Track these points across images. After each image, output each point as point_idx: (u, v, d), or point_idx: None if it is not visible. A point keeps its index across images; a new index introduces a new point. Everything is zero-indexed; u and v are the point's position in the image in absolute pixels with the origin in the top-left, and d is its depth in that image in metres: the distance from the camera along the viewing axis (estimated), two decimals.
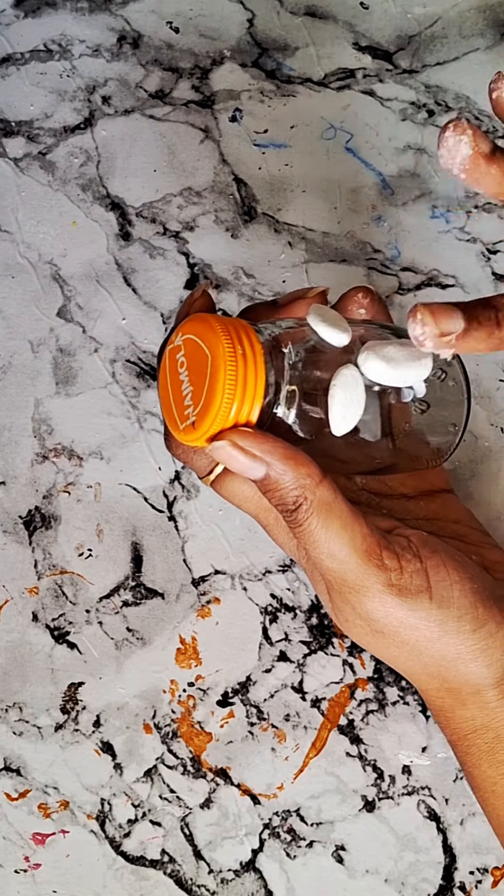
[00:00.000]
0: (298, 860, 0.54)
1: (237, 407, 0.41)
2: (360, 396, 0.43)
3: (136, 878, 0.55)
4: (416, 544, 0.43)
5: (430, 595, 0.42)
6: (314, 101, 0.65)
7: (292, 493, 0.41)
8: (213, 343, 0.41)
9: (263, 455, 0.41)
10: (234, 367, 0.40)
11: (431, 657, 0.44)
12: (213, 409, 0.41)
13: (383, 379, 0.43)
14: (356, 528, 0.42)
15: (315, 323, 0.43)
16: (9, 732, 0.56)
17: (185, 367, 0.42)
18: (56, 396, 0.60)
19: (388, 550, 0.43)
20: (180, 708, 0.56)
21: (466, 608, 0.43)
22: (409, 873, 0.54)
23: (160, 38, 0.66)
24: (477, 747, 0.45)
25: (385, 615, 0.43)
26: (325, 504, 0.41)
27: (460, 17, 0.66)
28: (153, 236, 0.62)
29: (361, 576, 0.42)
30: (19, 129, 0.64)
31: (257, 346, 0.41)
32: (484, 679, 0.44)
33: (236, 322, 0.42)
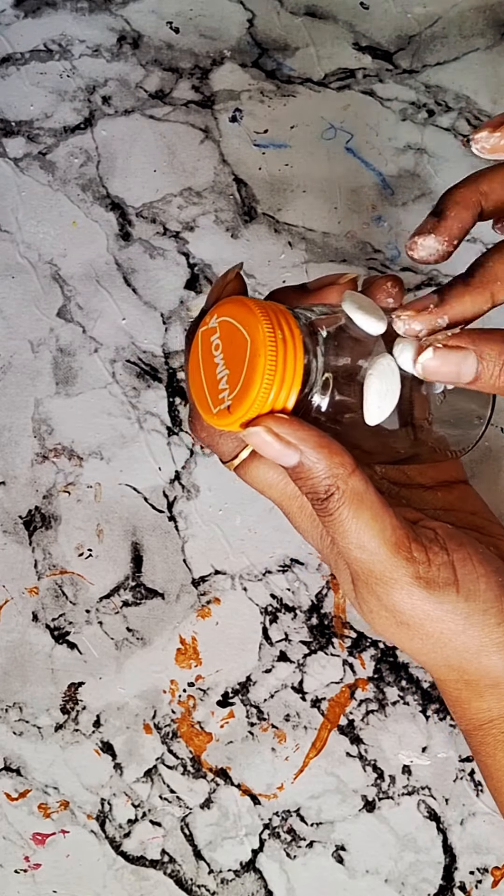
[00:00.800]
0: (298, 860, 0.54)
1: (275, 392, 0.40)
2: (396, 387, 0.42)
3: (137, 878, 0.55)
4: (442, 537, 0.44)
5: (458, 588, 0.43)
6: (314, 102, 0.65)
7: (325, 481, 0.41)
8: (253, 326, 0.40)
9: (298, 442, 0.40)
10: (273, 352, 0.40)
11: (455, 649, 0.44)
12: (252, 394, 0.40)
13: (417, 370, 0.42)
14: (386, 519, 0.42)
15: (351, 310, 0.42)
16: (9, 732, 0.56)
17: (221, 349, 0.41)
18: (56, 396, 0.60)
19: (416, 543, 0.43)
20: (180, 708, 0.56)
21: (492, 601, 0.43)
22: (410, 873, 0.54)
23: (160, 38, 0.66)
24: (493, 737, 0.45)
25: (412, 607, 0.43)
26: (356, 494, 0.41)
27: (460, 16, 0.66)
28: (153, 236, 0.62)
29: (390, 567, 0.42)
30: (19, 129, 0.64)
31: (296, 331, 0.40)
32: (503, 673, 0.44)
33: (274, 306, 0.41)
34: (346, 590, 0.45)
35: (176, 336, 0.61)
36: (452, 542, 0.44)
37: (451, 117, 0.64)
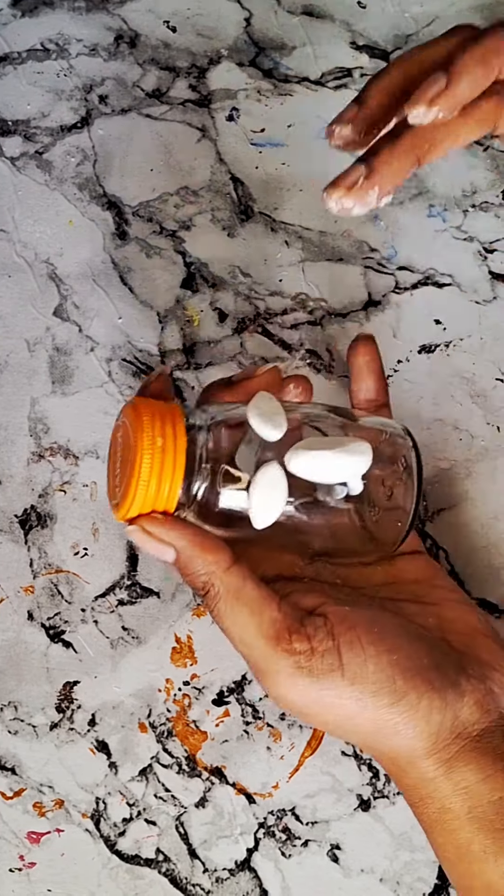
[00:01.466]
0: (293, 859, 0.54)
1: (154, 493, 0.42)
2: (280, 495, 0.43)
3: (131, 877, 0.54)
4: (331, 622, 0.43)
5: (342, 672, 0.42)
6: (311, 100, 0.65)
7: (200, 578, 0.43)
8: (137, 432, 0.42)
9: (171, 541, 0.43)
10: (150, 460, 0.42)
11: (356, 732, 0.44)
12: (129, 496, 0.42)
13: (311, 477, 0.43)
14: (265, 613, 0.43)
15: (252, 415, 0.43)
16: (4, 731, 0.56)
17: (121, 447, 0.44)
18: (52, 395, 0.60)
19: (298, 634, 0.43)
20: (175, 707, 0.56)
21: (382, 682, 0.42)
22: (405, 872, 0.54)
23: (157, 37, 0.66)
24: (427, 815, 0.45)
25: (300, 697, 0.43)
26: (232, 591, 0.43)
27: (458, 16, 0.66)
28: (150, 235, 0.62)
29: (270, 661, 0.42)
30: (16, 128, 0.64)
31: (181, 438, 0.42)
32: (413, 750, 0.43)
33: (166, 410, 0.43)
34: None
35: (172, 335, 0.61)
36: (342, 626, 0.43)
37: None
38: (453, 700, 0.43)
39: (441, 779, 0.43)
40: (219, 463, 0.43)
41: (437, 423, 0.59)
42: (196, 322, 0.61)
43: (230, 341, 0.60)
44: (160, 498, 0.42)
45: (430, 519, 0.58)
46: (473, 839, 0.43)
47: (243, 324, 0.61)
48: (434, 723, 0.42)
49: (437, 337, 0.60)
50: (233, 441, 0.44)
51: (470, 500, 0.58)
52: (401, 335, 0.60)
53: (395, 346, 0.60)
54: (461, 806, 0.43)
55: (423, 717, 0.42)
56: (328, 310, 0.61)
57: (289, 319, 0.61)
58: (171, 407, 0.44)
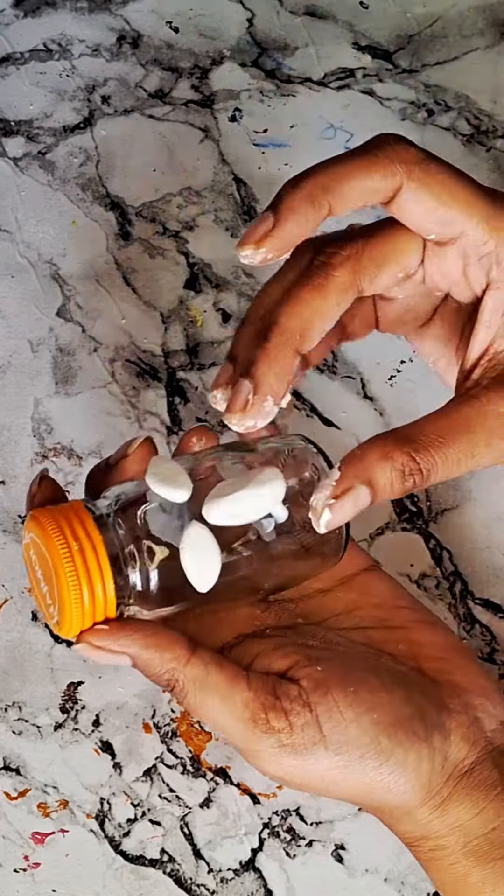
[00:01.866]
0: (298, 859, 0.54)
1: (89, 600, 0.40)
2: (213, 552, 0.41)
3: (136, 878, 0.55)
4: (306, 690, 0.42)
5: (325, 744, 0.41)
6: (314, 101, 0.65)
7: (163, 677, 0.41)
8: (48, 544, 0.40)
9: (123, 649, 0.41)
10: (71, 566, 0.39)
11: (347, 794, 0.43)
12: (67, 610, 0.40)
13: (233, 522, 0.42)
14: (236, 696, 0.41)
15: (152, 483, 0.41)
16: (8, 731, 0.56)
17: (37, 564, 0.42)
18: (55, 396, 0.60)
19: (273, 711, 0.41)
20: (180, 707, 0.56)
21: (367, 746, 0.41)
22: (409, 872, 0.54)
23: (160, 37, 0.66)
24: (422, 853, 0.44)
25: (286, 772, 0.42)
26: (196, 681, 0.41)
27: (460, 16, 0.66)
28: (153, 236, 0.62)
29: (251, 742, 0.41)
30: (19, 129, 0.64)
31: (93, 531, 0.40)
32: (406, 803, 0.42)
33: (68, 510, 0.41)
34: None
35: (175, 336, 0.61)
36: (317, 693, 0.42)
37: (451, 117, 0.64)
38: (440, 743, 0.42)
39: (436, 822, 0.43)
40: (140, 543, 0.41)
41: None
42: (199, 322, 0.61)
43: None
44: (98, 602, 0.40)
45: (433, 519, 0.58)
46: (470, 872, 0.43)
47: None
48: (424, 773, 0.42)
49: None
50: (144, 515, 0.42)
51: (473, 501, 0.58)
52: None
53: (397, 347, 0.60)
54: (456, 842, 0.43)
55: (412, 771, 0.42)
56: None
57: None
58: (73, 506, 0.41)
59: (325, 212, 0.40)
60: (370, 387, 0.60)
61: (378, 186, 0.40)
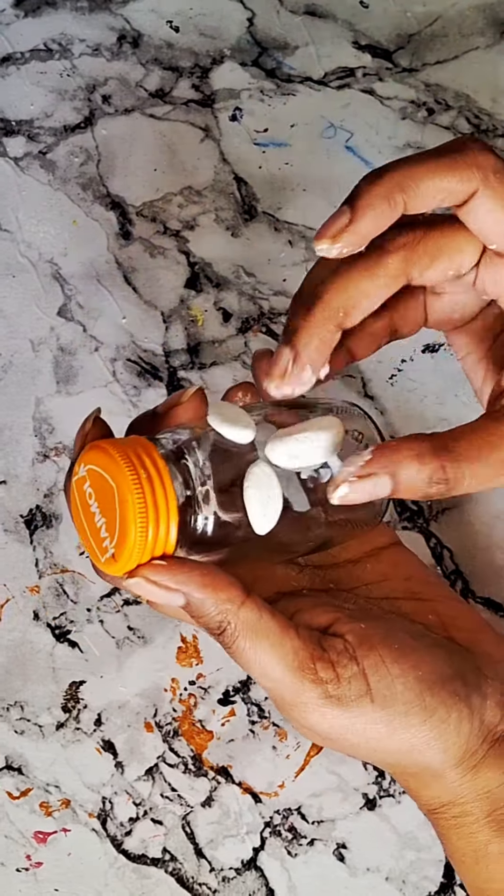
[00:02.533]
0: (300, 858, 0.54)
1: (153, 532, 0.39)
2: (276, 491, 0.41)
3: (138, 877, 0.55)
4: (352, 644, 0.42)
5: (372, 698, 0.41)
6: (314, 100, 0.65)
7: (215, 618, 0.41)
8: (115, 472, 0.39)
9: (179, 586, 0.40)
10: (140, 495, 0.39)
11: (386, 752, 0.43)
12: (130, 540, 0.39)
13: (295, 464, 0.42)
14: (287, 644, 0.41)
15: (216, 424, 0.41)
16: (10, 731, 0.56)
17: (94, 497, 0.41)
18: (57, 395, 0.60)
19: (321, 661, 0.41)
20: (181, 706, 0.56)
21: (412, 701, 0.42)
22: (411, 871, 0.54)
23: (160, 37, 0.66)
24: (445, 820, 0.44)
25: (329, 726, 0.42)
26: (249, 626, 0.41)
27: (460, 15, 0.66)
28: (153, 235, 0.62)
29: (297, 692, 0.41)
30: (19, 129, 0.64)
31: (161, 465, 0.40)
32: (442, 764, 0.43)
33: (135, 443, 0.40)
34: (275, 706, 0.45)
35: (176, 335, 0.61)
36: (363, 648, 0.42)
37: (451, 116, 0.64)
38: (478, 705, 0.43)
39: (466, 785, 0.43)
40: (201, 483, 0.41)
41: (442, 423, 0.59)
42: (200, 322, 0.61)
43: (234, 341, 0.61)
44: (158, 539, 0.39)
45: (434, 518, 0.58)
46: (492, 841, 0.43)
47: (247, 323, 0.61)
48: (464, 733, 0.42)
49: (440, 336, 0.60)
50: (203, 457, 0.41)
51: (474, 500, 0.58)
52: None
53: (398, 346, 0.60)
54: (481, 809, 0.43)
55: (454, 730, 0.42)
56: None
57: None
58: (138, 440, 0.41)
59: (401, 209, 0.40)
60: (371, 386, 0.60)
61: (453, 188, 0.39)
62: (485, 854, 0.43)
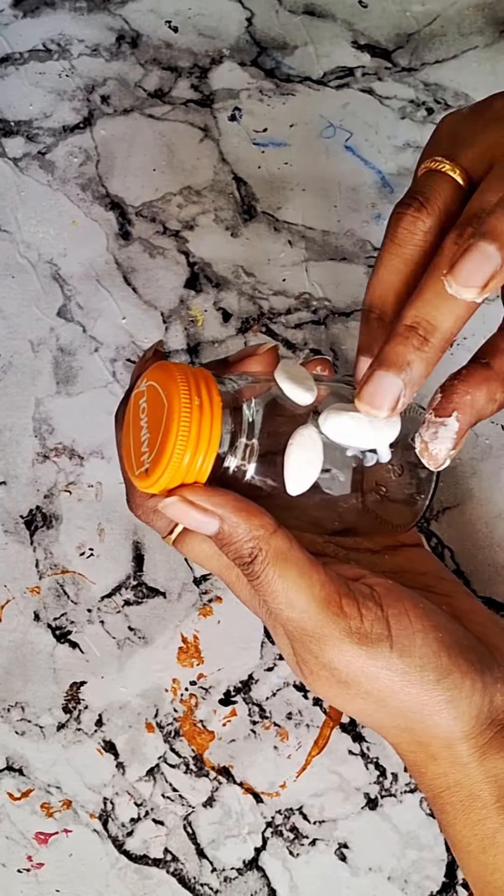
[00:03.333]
0: (301, 858, 0.54)
1: (190, 456, 0.40)
2: (317, 457, 0.42)
3: (139, 877, 0.55)
4: (378, 593, 0.43)
5: (391, 643, 0.42)
6: (313, 100, 0.65)
7: (247, 545, 0.41)
8: (171, 391, 0.40)
9: (215, 508, 0.41)
10: (188, 417, 0.40)
11: (397, 708, 0.43)
12: (166, 457, 0.40)
13: (343, 440, 0.42)
14: (314, 575, 0.42)
15: (281, 379, 0.42)
16: (11, 732, 0.56)
17: (146, 412, 0.42)
18: (57, 396, 0.60)
19: (347, 598, 0.42)
20: (182, 707, 0.56)
21: (429, 657, 0.42)
22: (412, 871, 0.54)
23: (159, 37, 0.66)
24: (451, 805, 0.44)
25: (346, 664, 0.42)
26: (280, 553, 0.41)
27: (459, 14, 0.66)
28: (153, 235, 0.62)
29: (321, 623, 0.42)
30: (18, 129, 0.64)
31: (216, 398, 0.41)
32: (452, 732, 0.43)
33: (199, 372, 0.41)
34: (286, 655, 0.45)
35: (176, 335, 0.61)
36: (389, 598, 0.43)
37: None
38: (491, 684, 0.43)
39: (474, 764, 0.43)
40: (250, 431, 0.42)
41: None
42: (200, 322, 0.61)
43: (234, 341, 0.61)
44: (196, 460, 0.40)
45: (435, 518, 0.58)
46: (500, 829, 0.43)
47: (247, 323, 0.61)
48: (475, 705, 0.42)
49: None
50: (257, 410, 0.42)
51: (475, 499, 0.58)
52: None
53: None
54: (490, 794, 0.43)
55: (465, 698, 0.42)
56: (332, 309, 0.61)
57: (292, 319, 0.61)
58: (203, 372, 0.42)
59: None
60: None
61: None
62: (492, 843, 0.43)
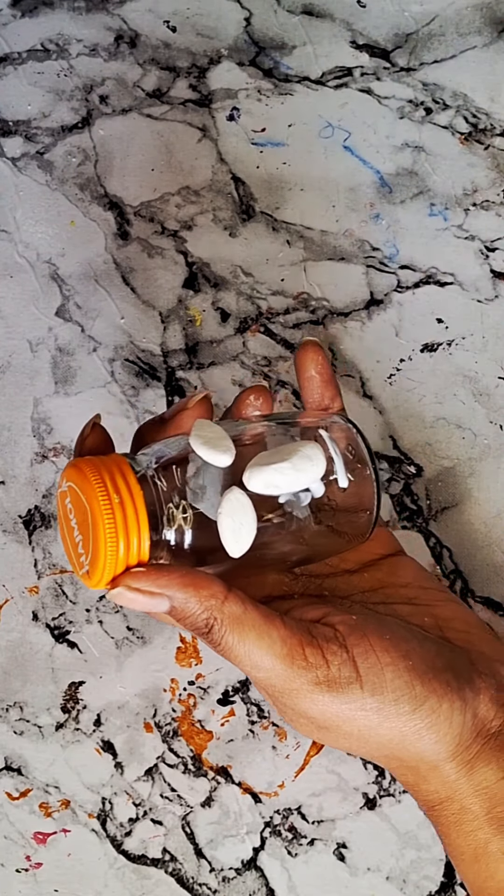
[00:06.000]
0: (300, 858, 0.54)
1: (125, 546, 0.40)
2: (249, 518, 0.42)
3: (138, 877, 0.55)
4: (342, 633, 0.43)
5: (361, 683, 0.42)
6: (312, 100, 0.65)
7: (201, 616, 0.41)
8: (88, 493, 0.41)
9: (162, 590, 0.41)
10: (110, 516, 0.40)
11: (379, 743, 0.43)
12: (101, 559, 0.40)
13: (272, 492, 0.43)
14: (273, 632, 0.42)
15: (196, 445, 0.42)
16: (9, 732, 0.56)
17: (73, 513, 0.42)
18: (55, 396, 0.60)
19: (310, 647, 0.42)
20: (181, 707, 0.56)
21: (402, 689, 0.42)
22: (411, 870, 0.54)
23: (157, 37, 0.66)
24: (445, 818, 0.44)
25: (321, 713, 0.42)
26: (235, 619, 0.41)
27: (457, 14, 0.66)
28: (151, 235, 0.62)
29: (288, 678, 0.42)
30: (17, 129, 0.64)
31: (135, 486, 0.41)
32: (437, 755, 0.43)
33: (111, 462, 0.42)
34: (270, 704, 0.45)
35: (174, 335, 0.61)
36: (353, 636, 0.43)
37: (449, 115, 0.64)
38: (471, 698, 0.43)
39: (462, 780, 0.43)
40: (178, 502, 0.42)
41: (440, 422, 0.59)
42: (198, 322, 0.61)
43: (232, 341, 0.61)
44: (131, 554, 0.41)
45: (433, 518, 0.58)
46: (491, 839, 0.43)
47: (245, 323, 0.61)
48: (456, 724, 0.42)
49: (439, 336, 0.60)
50: (184, 475, 0.43)
51: (473, 499, 0.58)
52: (403, 334, 0.60)
53: (397, 345, 0.60)
54: (480, 806, 0.43)
55: (445, 720, 0.42)
56: (330, 309, 0.61)
57: (291, 319, 0.61)
58: (115, 459, 0.42)
59: None
60: (370, 385, 0.60)
61: None
62: (484, 852, 0.44)
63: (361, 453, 0.46)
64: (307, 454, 0.43)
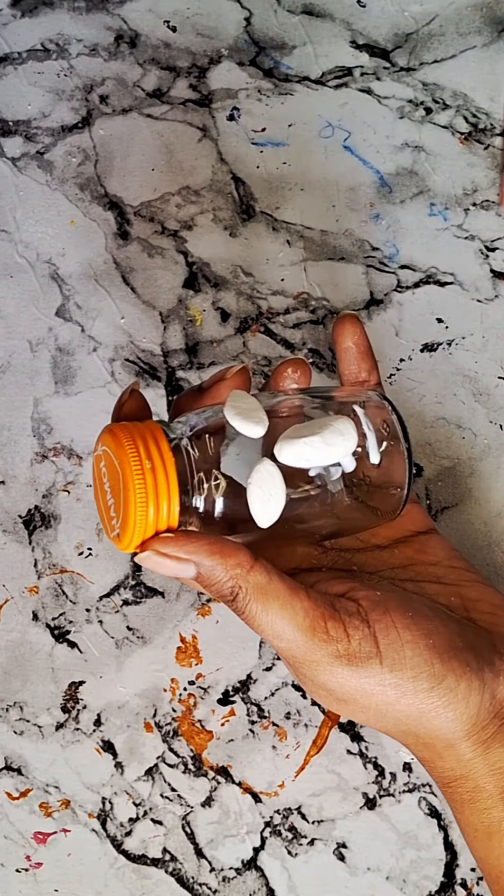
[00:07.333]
0: (300, 858, 0.54)
1: (154, 511, 0.41)
2: (279, 489, 0.43)
3: (138, 877, 0.55)
4: (365, 608, 0.43)
5: (381, 659, 0.42)
6: (312, 100, 0.65)
7: (227, 584, 0.42)
8: (121, 457, 0.41)
9: (189, 556, 0.41)
10: (141, 481, 0.41)
11: (396, 718, 0.43)
12: (130, 522, 0.41)
13: (303, 465, 0.43)
14: (296, 604, 0.42)
15: (230, 415, 0.43)
16: (9, 732, 0.56)
17: (107, 477, 0.43)
18: (55, 396, 0.60)
19: (333, 620, 0.42)
20: (181, 706, 0.56)
21: (421, 666, 0.42)
22: (411, 870, 0.54)
23: (157, 37, 0.66)
24: (459, 795, 0.45)
25: (340, 685, 0.43)
26: (260, 588, 0.42)
27: (457, 14, 0.66)
28: (151, 235, 0.62)
29: (309, 650, 0.42)
30: (17, 129, 0.64)
31: (167, 453, 0.41)
32: (453, 733, 0.43)
33: (145, 429, 0.42)
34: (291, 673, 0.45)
35: (174, 335, 0.61)
36: (376, 612, 0.43)
37: (449, 115, 0.64)
38: (490, 680, 0.43)
39: (478, 759, 0.43)
40: (210, 470, 0.43)
41: (440, 422, 0.59)
42: (198, 322, 0.61)
43: (233, 341, 0.61)
44: (161, 519, 0.41)
45: (433, 517, 0.58)
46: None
47: (246, 323, 0.61)
48: (473, 704, 0.43)
49: (439, 335, 0.60)
50: (218, 445, 0.43)
51: (473, 499, 0.58)
52: (403, 334, 0.60)
53: (397, 345, 0.60)
54: (495, 786, 0.44)
55: (462, 700, 0.42)
56: (330, 309, 0.61)
57: (291, 319, 0.61)
58: (150, 425, 0.43)
59: None
60: None
61: None
62: (498, 830, 0.44)
63: (395, 430, 0.46)
64: (338, 429, 0.43)
